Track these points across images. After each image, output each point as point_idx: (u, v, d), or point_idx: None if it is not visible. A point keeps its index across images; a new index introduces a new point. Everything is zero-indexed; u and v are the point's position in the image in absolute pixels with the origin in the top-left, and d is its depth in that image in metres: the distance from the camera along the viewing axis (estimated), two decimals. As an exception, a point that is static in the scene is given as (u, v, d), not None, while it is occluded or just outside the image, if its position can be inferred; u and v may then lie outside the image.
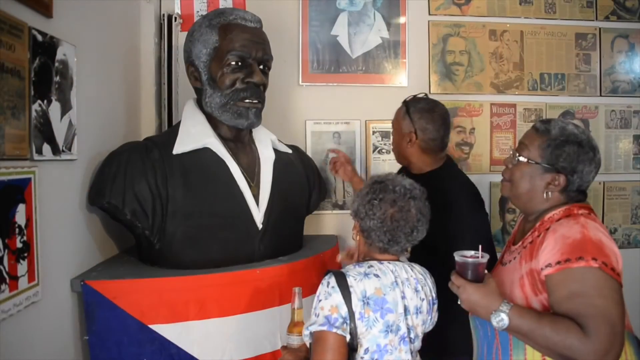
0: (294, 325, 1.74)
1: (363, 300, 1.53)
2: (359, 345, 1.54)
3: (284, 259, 2.17)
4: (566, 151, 1.61)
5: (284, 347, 1.76)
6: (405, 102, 2.39)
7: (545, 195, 1.65)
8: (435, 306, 1.71)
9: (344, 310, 1.51)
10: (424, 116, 2.32)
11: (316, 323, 1.52)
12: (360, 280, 1.56)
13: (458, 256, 1.60)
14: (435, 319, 1.73)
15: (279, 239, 2.22)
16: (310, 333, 1.54)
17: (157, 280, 1.94)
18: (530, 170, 1.67)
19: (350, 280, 1.55)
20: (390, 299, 1.56)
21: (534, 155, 1.66)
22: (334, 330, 1.49)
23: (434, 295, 1.70)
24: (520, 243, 1.70)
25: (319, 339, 1.52)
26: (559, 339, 1.41)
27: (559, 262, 1.48)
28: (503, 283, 1.65)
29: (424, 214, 1.67)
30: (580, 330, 1.39)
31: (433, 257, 1.84)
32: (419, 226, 1.65)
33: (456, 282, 1.57)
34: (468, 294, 1.54)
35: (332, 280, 1.56)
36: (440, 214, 2.15)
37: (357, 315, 1.52)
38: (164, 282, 1.92)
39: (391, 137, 2.52)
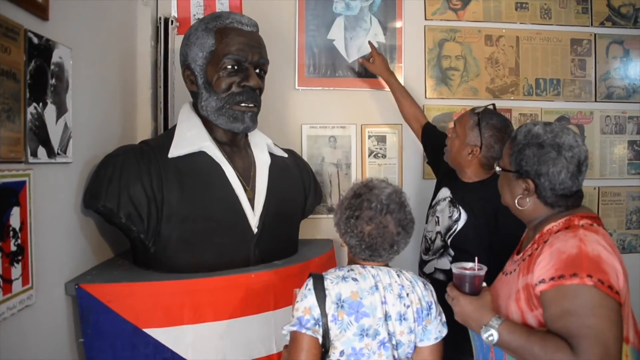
0: None
1: (337, 303, 1.55)
2: (332, 347, 1.56)
3: (279, 263, 2.17)
4: (527, 154, 1.57)
5: (286, 347, 1.76)
6: (478, 114, 2.30)
7: (517, 202, 1.62)
8: (432, 317, 1.66)
9: (316, 312, 1.55)
10: (494, 134, 2.26)
11: (290, 323, 1.57)
12: (336, 284, 1.58)
13: (455, 268, 1.59)
14: (440, 333, 1.67)
15: (274, 243, 2.22)
16: (288, 333, 1.59)
17: (152, 284, 1.93)
18: (507, 179, 1.66)
19: (326, 283, 1.58)
20: (367, 303, 1.57)
21: (506, 163, 1.65)
22: (304, 331, 1.53)
23: (426, 304, 1.65)
24: (521, 254, 1.64)
25: (292, 339, 1.57)
26: (546, 359, 1.37)
27: (552, 278, 1.42)
28: (501, 295, 1.61)
29: (405, 226, 1.65)
30: (569, 351, 1.34)
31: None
32: (399, 240, 1.64)
33: (450, 294, 1.57)
34: (461, 306, 1.54)
35: (310, 283, 1.59)
36: (485, 224, 2.20)
37: (329, 318, 1.55)
38: (158, 286, 1.92)
39: (449, 139, 2.40)
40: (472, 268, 1.58)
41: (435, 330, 1.66)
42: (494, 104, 2.38)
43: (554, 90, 3.20)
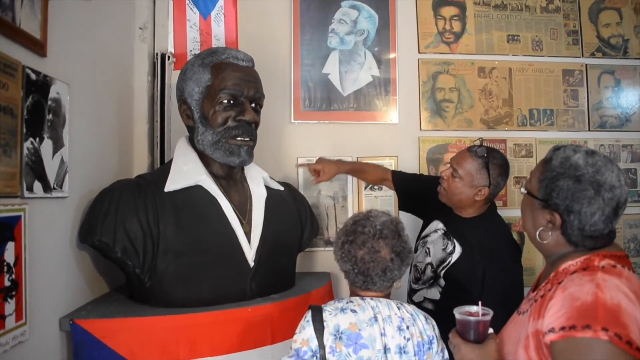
0: None
1: (335, 335, 1.55)
2: None
3: (275, 297, 2.15)
4: (560, 186, 1.37)
5: None
6: (483, 156, 2.25)
7: (538, 234, 1.44)
8: (434, 352, 1.63)
9: (314, 344, 1.55)
10: (500, 172, 2.26)
11: (288, 355, 1.59)
12: (335, 315, 1.58)
13: (458, 313, 1.48)
14: None
15: (271, 277, 2.21)
16: None
17: (148, 319, 1.91)
18: (531, 204, 1.48)
19: (325, 315, 1.59)
20: (366, 334, 1.56)
21: (534, 188, 1.46)
22: None
23: (427, 337, 1.63)
24: (535, 292, 1.47)
25: None
26: None
27: (563, 328, 1.24)
28: (510, 339, 1.45)
29: (399, 253, 1.65)
30: None
31: (467, 297, 1.80)
32: (392, 266, 1.64)
33: (453, 341, 1.48)
34: (462, 355, 1.44)
35: (309, 315, 1.60)
36: (480, 257, 2.19)
37: (327, 349, 1.54)
38: (154, 321, 1.90)
39: (446, 181, 2.31)
40: (476, 313, 1.46)
41: None
42: (481, 139, 2.39)
43: (547, 120, 3.23)
